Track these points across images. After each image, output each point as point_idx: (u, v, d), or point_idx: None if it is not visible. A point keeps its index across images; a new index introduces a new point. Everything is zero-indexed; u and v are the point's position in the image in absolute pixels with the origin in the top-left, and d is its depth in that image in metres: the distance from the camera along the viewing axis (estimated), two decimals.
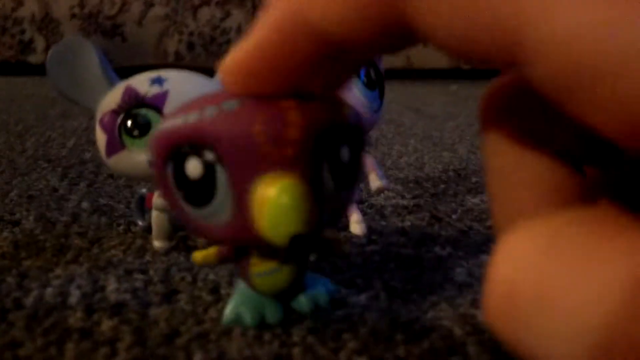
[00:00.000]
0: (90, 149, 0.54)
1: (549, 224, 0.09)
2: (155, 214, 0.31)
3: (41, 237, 0.32)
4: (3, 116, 0.72)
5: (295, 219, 0.17)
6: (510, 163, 0.12)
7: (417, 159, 0.53)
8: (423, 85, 1.14)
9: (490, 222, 0.32)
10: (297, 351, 0.22)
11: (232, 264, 0.24)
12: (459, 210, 0.38)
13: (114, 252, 0.30)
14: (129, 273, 0.28)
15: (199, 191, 0.18)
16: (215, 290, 0.26)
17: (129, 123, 0.28)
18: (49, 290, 0.26)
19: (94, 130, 0.29)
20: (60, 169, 0.47)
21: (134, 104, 0.28)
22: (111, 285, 0.27)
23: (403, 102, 0.89)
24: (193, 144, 0.17)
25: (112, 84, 0.29)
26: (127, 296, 0.25)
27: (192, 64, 1.19)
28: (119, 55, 1.18)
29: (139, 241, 0.32)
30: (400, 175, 0.48)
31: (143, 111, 0.28)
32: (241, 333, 0.23)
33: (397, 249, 0.32)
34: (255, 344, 0.22)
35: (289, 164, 0.17)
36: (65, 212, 0.37)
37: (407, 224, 0.36)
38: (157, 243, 0.31)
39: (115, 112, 0.28)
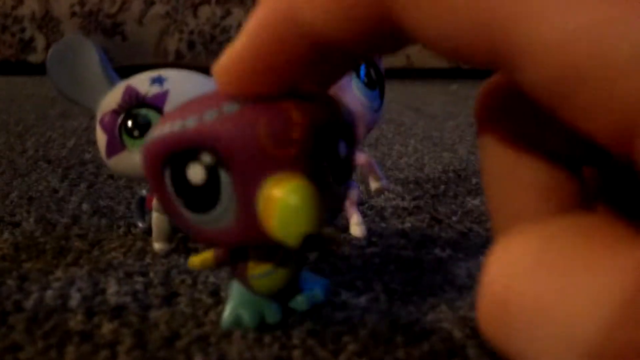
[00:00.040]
0: (90, 149, 0.54)
1: (543, 230, 0.09)
2: (155, 216, 0.31)
3: (41, 239, 0.32)
4: (3, 116, 0.72)
5: (306, 219, 0.17)
6: (506, 165, 0.12)
7: (417, 160, 0.53)
8: (423, 85, 1.14)
9: (490, 224, 0.32)
10: (297, 353, 0.22)
11: (228, 266, 0.24)
12: (459, 212, 0.38)
13: (114, 254, 0.30)
14: (129, 275, 0.28)
15: (201, 197, 0.18)
16: (215, 292, 0.26)
17: (130, 123, 0.28)
18: (49, 293, 0.26)
19: (94, 130, 0.29)
20: (60, 170, 0.47)
21: (134, 103, 0.28)
22: (111, 287, 0.27)
23: (403, 102, 0.89)
24: (194, 149, 0.17)
25: (112, 84, 0.29)
26: (127, 299, 0.26)
27: (193, 63, 1.19)
28: (119, 54, 1.18)
29: (139, 243, 0.32)
30: (400, 176, 0.48)
31: (143, 111, 0.28)
32: (241, 336, 0.23)
33: (397, 250, 0.32)
34: (255, 347, 0.22)
35: (293, 163, 0.17)
36: (65, 213, 0.37)
37: (407, 225, 0.36)
38: (157, 245, 0.31)
39: (115, 112, 0.28)
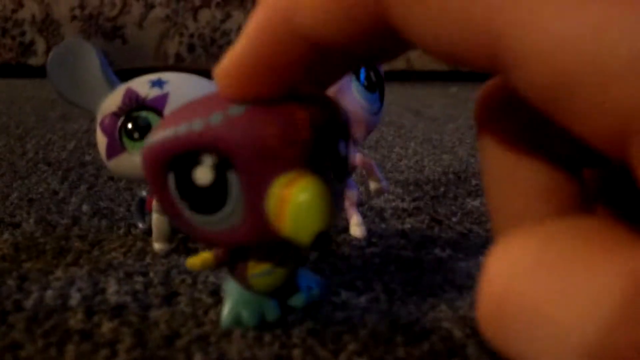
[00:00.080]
0: (90, 151, 0.54)
1: (543, 231, 0.09)
2: (155, 217, 0.31)
3: (41, 240, 0.32)
4: (3, 119, 0.72)
5: (318, 217, 0.17)
6: (506, 166, 0.12)
7: (417, 162, 0.53)
8: (423, 88, 1.14)
9: (489, 225, 0.32)
10: (297, 353, 0.22)
11: (226, 266, 0.24)
12: (459, 213, 0.39)
13: (114, 254, 0.30)
14: (129, 275, 0.28)
15: (208, 198, 0.18)
16: (215, 292, 0.26)
17: (130, 125, 0.28)
18: (49, 293, 0.26)
19: (95, 132, 0.29)
20: (60, 172, 0.47)
21: (134, 106, 0.28)
22: (111, 287, 0.27)
23: (403, 104, 0.89)
24: (201, 152, 0.17)
25: (112, 87, 0.29)
26: (127, 298, 0.26)
27: (193, 66, 1.19)
28: (120, 57, 1.18)
29: (139, 244, 0.32)
30: (400, 177, 0.48)
31: (143, 114, 0.28)
32: (241, 335, 0.23)
33: (397, 251, 0.32)
34: (255, 346, 0.22)
35: (301, 163, 0.17)
36: (65, 214, 0.37)
37: (407, 226, 0.36)
38: (157, 245, 0.31)
39: (115, 115, 0.28)
